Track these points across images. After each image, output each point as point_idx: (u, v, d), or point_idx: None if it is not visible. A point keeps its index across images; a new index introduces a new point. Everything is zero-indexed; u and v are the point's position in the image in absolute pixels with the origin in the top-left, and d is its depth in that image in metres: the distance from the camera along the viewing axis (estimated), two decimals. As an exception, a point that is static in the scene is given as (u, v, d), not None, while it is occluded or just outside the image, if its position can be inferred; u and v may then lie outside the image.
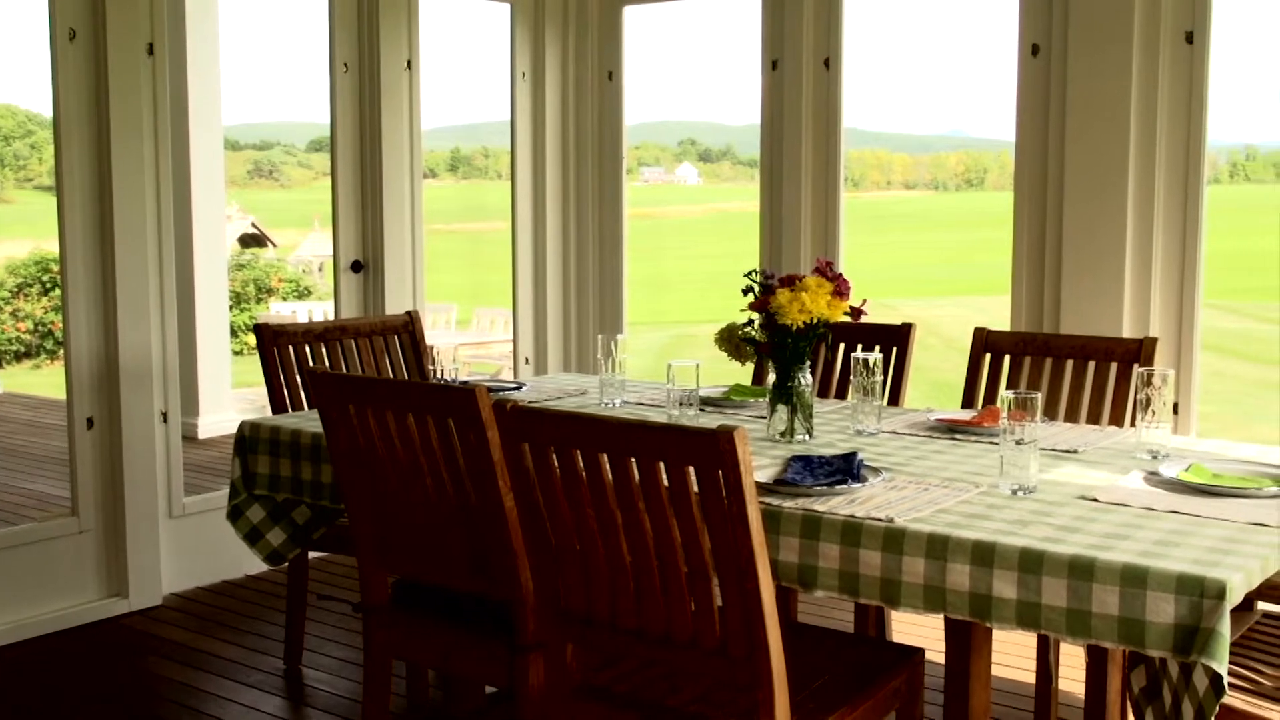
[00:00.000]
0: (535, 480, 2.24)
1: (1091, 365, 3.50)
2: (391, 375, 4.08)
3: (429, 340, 4.46)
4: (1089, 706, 2.99)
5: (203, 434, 7.23)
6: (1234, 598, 1.91)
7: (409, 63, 5.29)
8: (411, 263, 5.39)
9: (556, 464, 2.20)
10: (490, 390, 3.42)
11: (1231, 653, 2.46)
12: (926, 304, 21.18)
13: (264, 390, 3.84)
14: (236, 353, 13.16)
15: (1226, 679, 1.91)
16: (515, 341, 6.01)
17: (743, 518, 1.98)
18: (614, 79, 5.77)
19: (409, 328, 4.20)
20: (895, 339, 3.76)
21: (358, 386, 2.65)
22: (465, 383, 2.72)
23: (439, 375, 3.48)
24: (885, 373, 3.65)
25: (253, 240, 23.76)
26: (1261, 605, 2.70)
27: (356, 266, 5.28)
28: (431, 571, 2.71)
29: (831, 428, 3.12)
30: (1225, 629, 1.89)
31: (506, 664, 2.58)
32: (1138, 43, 4.29)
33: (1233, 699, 2.25)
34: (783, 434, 2.95)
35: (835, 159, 5.10)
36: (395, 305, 5.27)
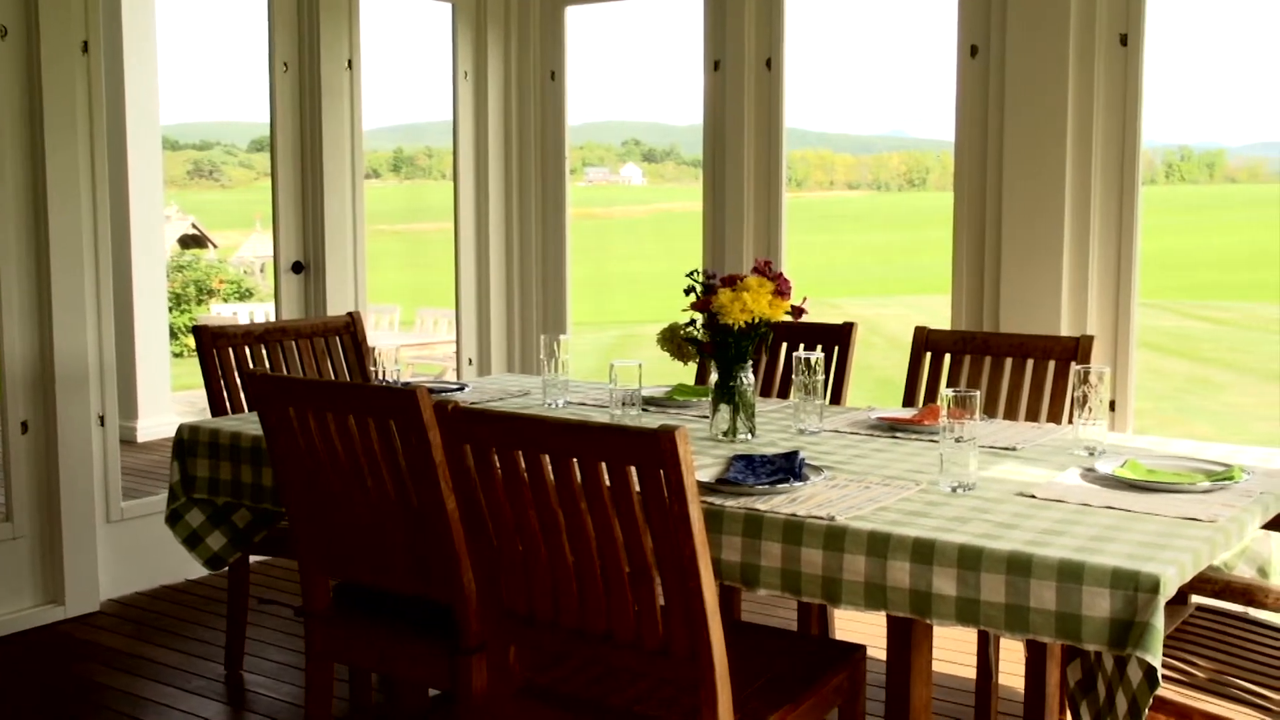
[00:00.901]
0: (477, 481, 2.24)
1: (1030, 363, 3.54)
2: (333, 377, 4.05)
3: (371, 341, 4.43)
4: (1028, 700, 3.02)
5: (142, 437, 7.15)
6: (1167, 591, 1.94)
7: (350, 62, 5.26)
8: (353, 263, 5.35)
9: (498, 465, 2.19)
10: (432, 391, 3.40)
11: (1166, 645, 2.50)
12: (870, 303, 21.34)
13: (204, 393, 3.80)
14: (177, 355, 13.02)
15: (1160, 671, 1.94)
16: (458, 342, 5.99)
17: (685, 517, 1.99)
18: (556, 79, 5.77)
19: (350, 329, 4.17)
20: (837, 338, 3.78)
21: (297, 388, 2.63)
22: (407, 384, 2.70)
23: (380, 377, 3.45)
24: (827, 372, 3.67)
25: (193, 241, 23.49)
26: (1195, 598, 2.74)
27: (297, 267, 5.24)
28: (373, 574, 2.69)
29: (774, 427, 3.14)
30: (1159, 622, 1.91)
31: (449, 666, 2.57)
32: (1074, 45, 4.34)
33: (1167, 691, 2.29)
34: (725, 433, 2.96)
35: (777, 159, 5.13)
36: (337, 306, 5.23)
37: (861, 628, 3.92)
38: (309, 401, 2.58)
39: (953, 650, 3.83)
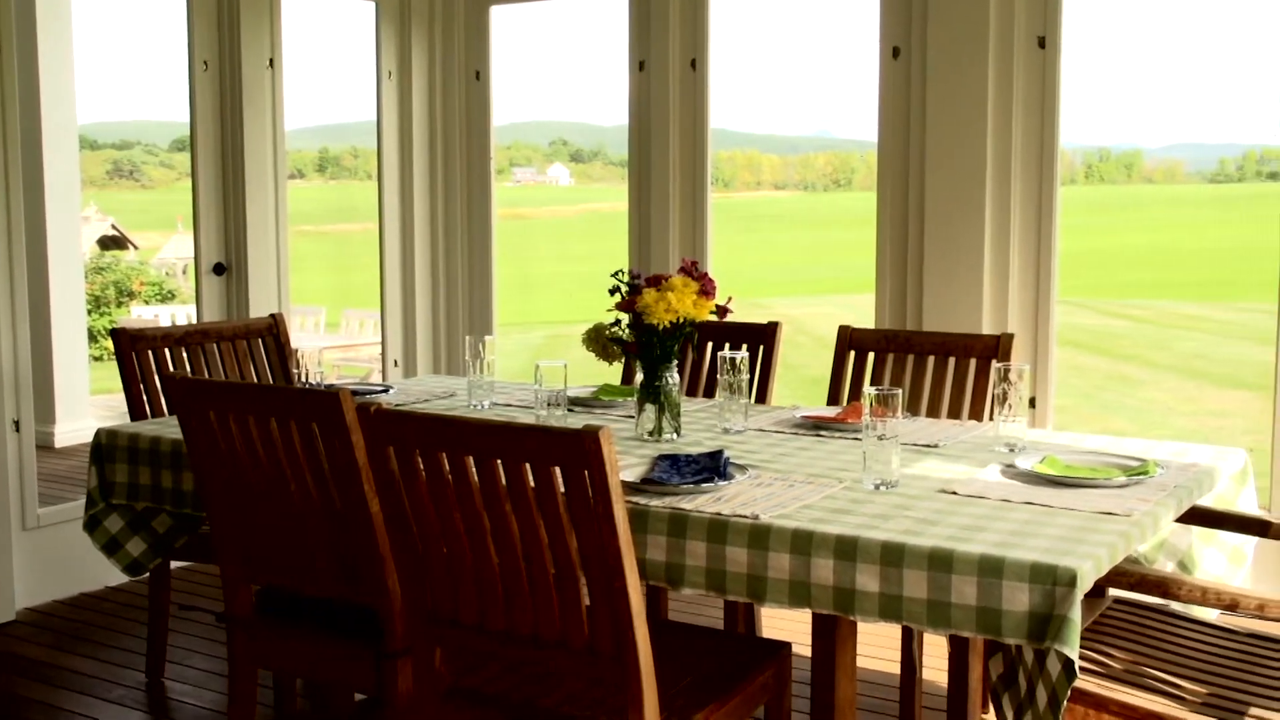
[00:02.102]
0: (401, 483, 2.22)
1: (952, 361, 3.58)
2: (255, 380, 4.00)
3: (295, 344, 4.39)
4: (952, 695, 3.07)
5: (59, 442, 7.01)
6: (1084, 585, 1.97)
7: (271, 61, 5.20)
8: (276, 265, 5.30)
9: (422, 467, 2.18)
10: (356, 393, 3.38)
11: (1084, 638, 2.54)
12: (797, 302, 21.48)
13: (123, 397, 3.74)
14: (96, 358, 12.80)
15: (1078, 664, 1.97)
16: (384, 344, 5.95)
17: (609, 517, 1.99)
18: (481, 79, 5.74)
19: (273, 331, 4.12)
20: (762, 338, 3.81)
21: (217, 391, 2.60)
22: (331, 386, 2.68)
23: (303, 379, 3.42)
24: (752, 371, 3.69)
25: (112, 242, 23.09)
26: (1113, 591, 2.79)
27: (219, 269, 5.18)
28: (296, 578, 2.67)
29: (699, 426, 3.15)
30: (1076, 615, 1.94)
31: (374, 670, 2.55)
32: (993, 47, 4.40)
33: (1085, 682, 2.33)
34: (651, 433, 2.96)
35: (703, 159, 5.15)
36: (260, 308, 5.17)
37: (788, 625, 3.95)
38: (230, 405, 2.55)
39: (877, 646, 3.87)
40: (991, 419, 3.00)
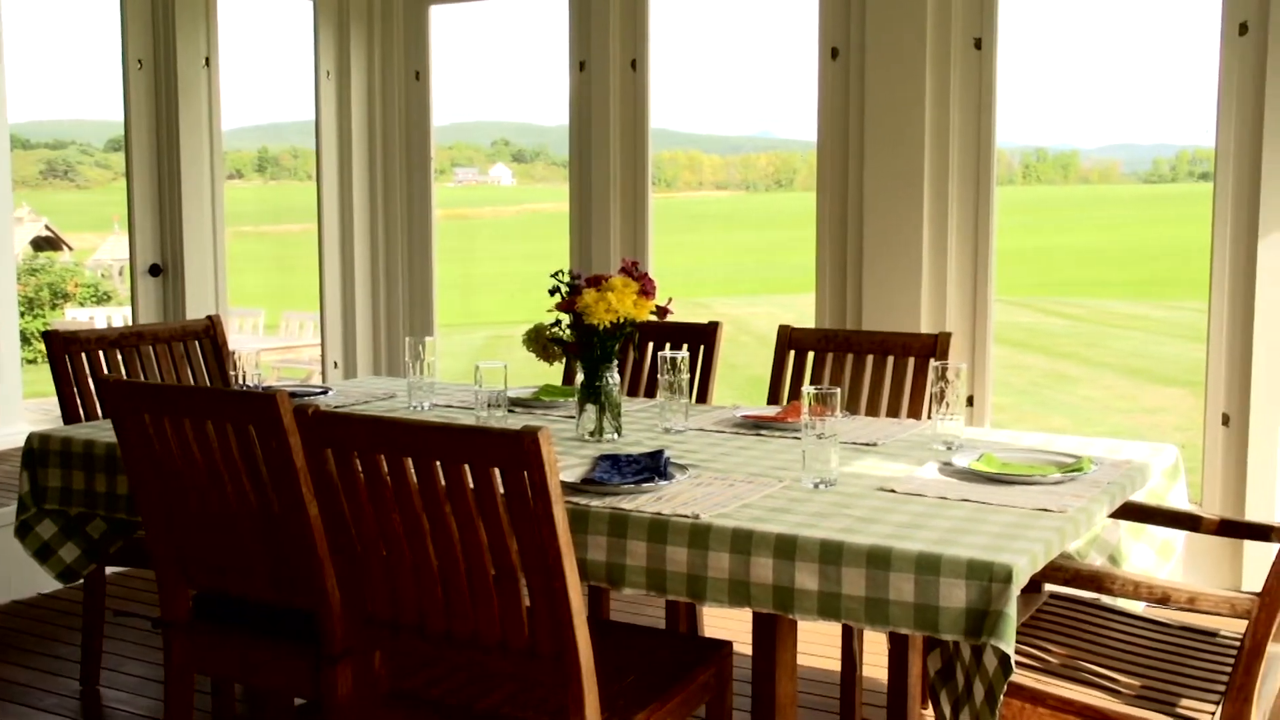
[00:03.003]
0: (339, 486, 2.21)
1: (890, 360, 3.61)
2: (192, 383, 3.95)
3: (233, 346, 4.34)
4: (892, 691, 3.09)
5: (-8, 447, 6.89)
6: (1020, 581, 1.99)
7: (207, 59, 5.15)
8: (213, 266, 5.24)
9: (361, 469, 2.17)
10: (294, 395, 3.35)
11: (1021, 633, 2.57)
12: (740, 302, 21.56)
13: (57, 400, 3.68)
14: (30, 361, 12.60)
15: (1014, 658, 1.99)
16: (323, 346, 5.90)
17: (549, 518, 1.99)
18: (421, 79, 5.71)
19: (210, 333, 4.08)
20: (703, 337, 3.81)
21: (151, 394, 2.56)
22: (268, 388, 2.65)
23: (241, 381, 3.39)
24: (693, 371, 3.70)
25: (46, 243, 22.75)
26: (1049, 586, 2.82)
27: (155, 270, 5.11)
28: (234, 583, 2.64)
29: (640, 426, 3.15)
30: (1012, 611, 1.96)
31: (313, 674, 2.53)
32: (930, 48, 4.44)
33: (1022, 677, 2.35)
34: (591, 433, 2.96)
35: (643, 160, 5.15)
36: (197, 310, 5.12)
37: (730, 624, 3.96)
38: (165, 407, 2.52)
39: (818, 643, 3.89)
40: (930, 417, 3.03)
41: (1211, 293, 4.22)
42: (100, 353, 3.75)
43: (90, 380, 3.69)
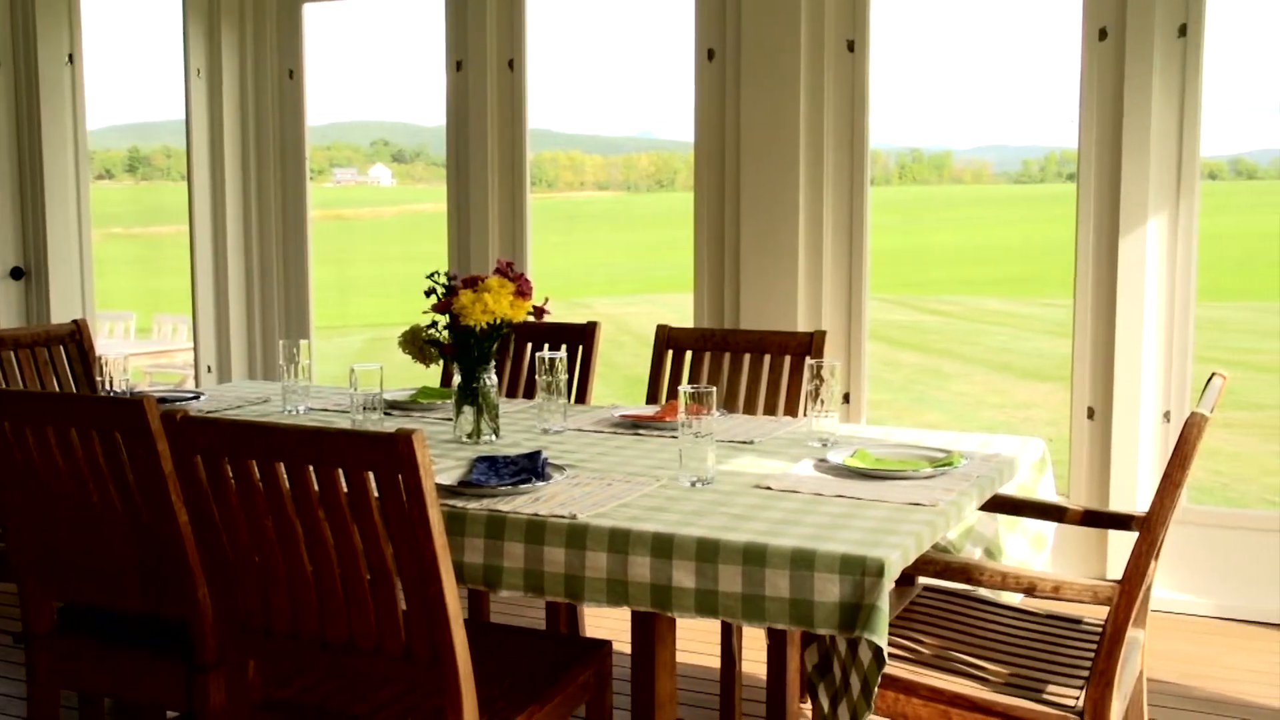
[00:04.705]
0: (209, 493, 2.16)
1: (767, 359, 3.65)
2: (57, 389, 3.84)
3: (101, 350, 4.23)
4: (771, 686, 3.12)
5: None
6: (892, 574, 2.03)
7: (71, 56, 5.01)
8: (80, 269, 5.10)
9: (231, 475, 2.13)
10: (165, 401, 3.28)
11: (895, 625, 2.62)
12: (621, 302, 21.60)
13: (-90, 408, 3.55)
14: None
15: (887, 651, 2.03)
16: (196, 350, 5.78)
17: (424, 521, 1.97)
18: (295, 78, 5.62)
19: (76, 338, 3.97)
20: (581, 338, 3.82)
21: (13, 400, 2.49)
22: (136, 394, 2.59)
23: (108, 387, 3.30)
24: (571, 371, 3.70)
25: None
26: (922, 579, 2.88)
27: (17, 273, 4.96)
28: (101, 593, 2.57)
29: (518, 427, 3.14)
30: (885, 604, 2.00)
31: (186, 685, 2.48)
32: (804, 50, 4.50)
33: (896, 668, 2.40)
34: (469, 435, 2.95)
35: (521, 160, 5.14)
36: (62, 314, 4.98)
37: (612, 624, 3.97)
38: (27, 414, 2.45)
39: (698, 640, 3.92)
40: (805, 415, 3.07)
41: (1076, 290, 4.35)
42: (-41, 359, 3.63)
43: (-52, 387, 3.57)
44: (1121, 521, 2.81)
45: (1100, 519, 2.89)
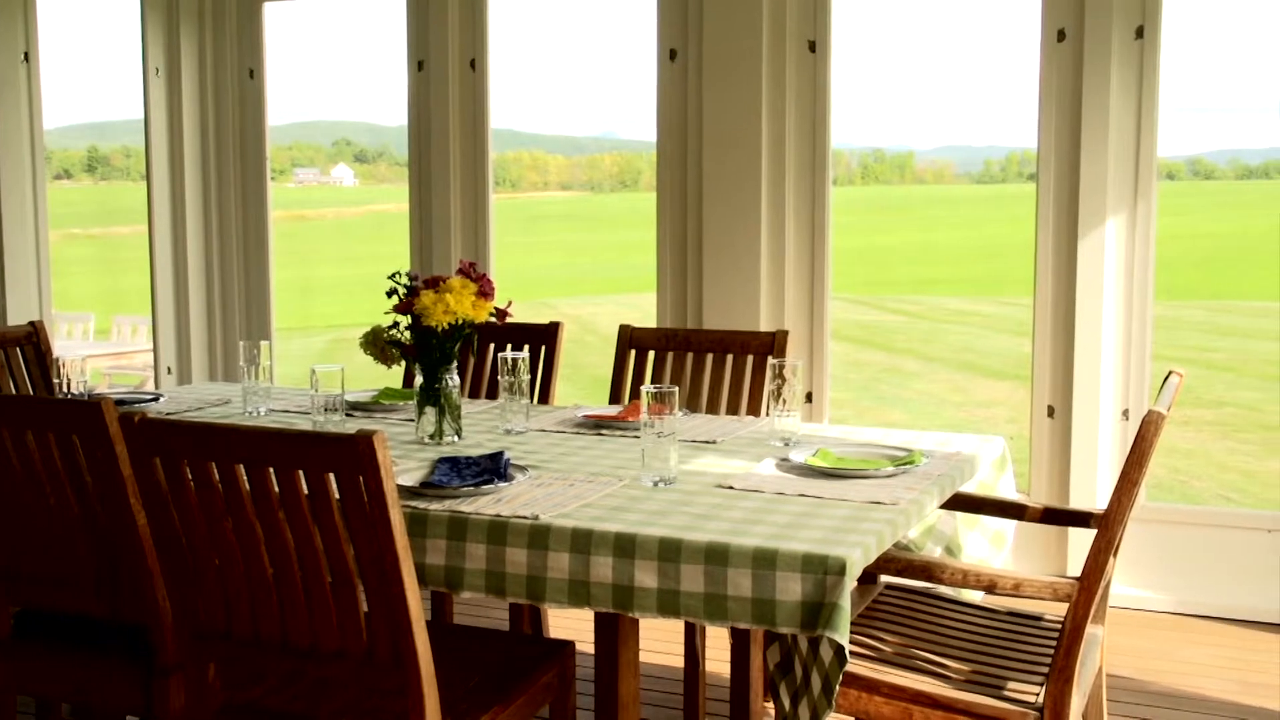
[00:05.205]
0: (169, 495, 2.15)
1: (730, 358, 3.65)
2: (14, 391, 3.80)
3: (58, 352, 4.19)
4: (734, 685, 3.12)
5: None
6: (854, 573, 2.04)
7: (26, 55, 4.96)
8: (36, 270, 5.05)
9: (191, 477, 2.11)
10: (123, 403, 3.25)
11: (858, 624, 2.63)
12: (585, 302, 21.58)
13: None
14: None
15: (850, 649, 2.03)
16: (156, 351, 5.74)
17: (385, 522, 1.96)
18: (255, 77, 5.59)
19: (33, 339, 3.93)
20: (544, 338, 3.81)
21: (-32, 404, 2.46)
22: (94, 396, 2.57)
23: (65, 389, 3.27)
24: (534, 371, 3.70)
25: None
26: (884, 578, 2.90)
27: (-27, 274, 4.91)
28: (58, 597, 2.54)
29: (481, 428, 3.13)
30: (846, 603, 2.01)
31: (145, 690, 2.46)
32: (766, 51, 4.51)
33: (857, 666, 2.41)
34: (431, 436, 2.94)
35: (483, 160, 5.13)
36: (19, 316, 4.93)
37: (575, 624, 3.96)
38: (-19, 417, 2.42)
39: (662, 640, 3.92)
40: (768, 414, 3.08)
41: (1036, 289, 4.38)
42: (-87, 361, 3.58)
43: (-98, 390, 3.53)
44: (1080, 519, 2.83)
45: (1060, 517, 2.91)
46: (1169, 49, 4.20)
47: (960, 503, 2.86)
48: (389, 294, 2.91)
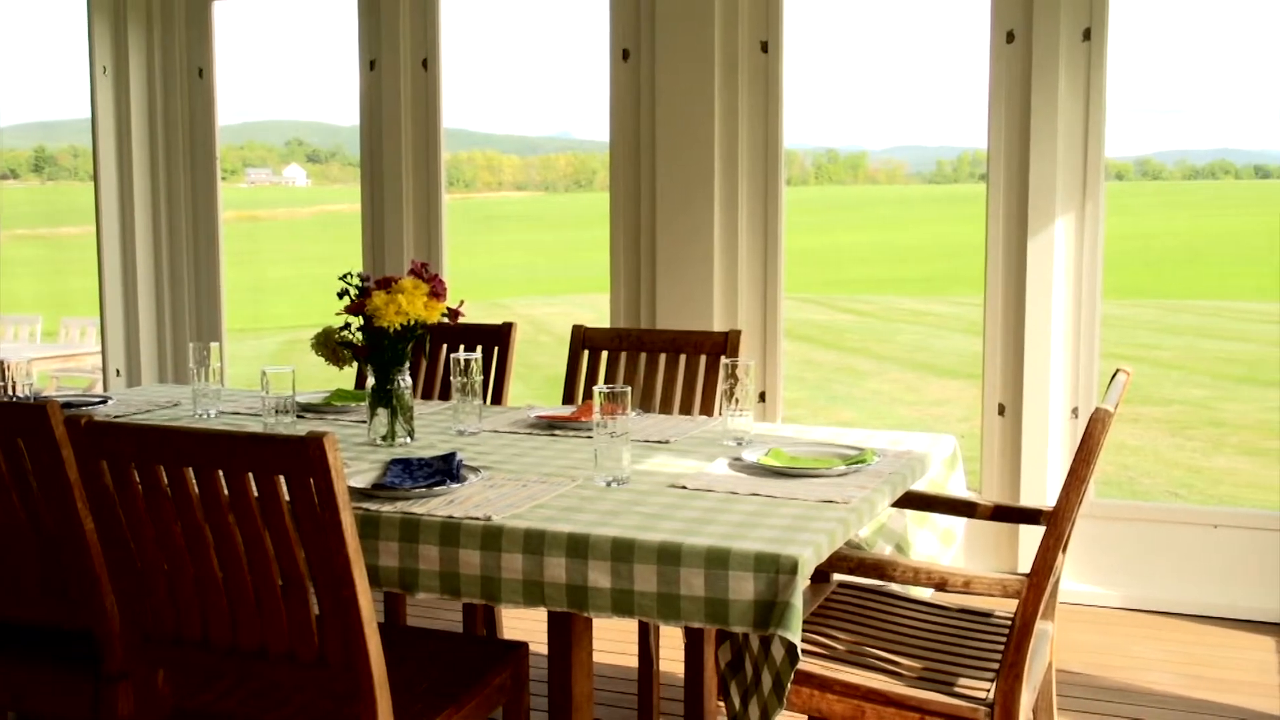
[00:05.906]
0: (116, 499, 2.13)
1: (683, 358, 3.66)
2: (-42, 393, 3.75)
3: (4, 354, 4.13)
4: (688, 685, 3.13)
5: None
6: (805, 571, 2.05)
7: (-29, 54, 4.88)
8: (-19, 271, 4.98)
9: (138, 481, 2.09)
10: (70, 406, 3.21)
11: (810, 622, 2.65)
12: (539, 302, 21.55)
13: None
14: None
15: (803, 647, 2.04)
16: (105, 353, 5.67)
17: (336, 525, 1.95)
18: (205, 76, 5.54)
19: (-23, 341, 3.88)
20: (497, 339, 3.80)
21: (-90, 407, 2.42)
22: (40, 399, 2.54)
23: (10, 392, 3.22)
24: (487, 372, 3.68)
25: None
26: (837, 576, 2.91)
27: (-84, 276, 4.83)
28: (3, 603, 2.51)
29: (434, 429, 3.12)
30: (798, 601, 2.01)
31: (93, 697, 2.43)
32: (719, 51, 4.52)
33: (810, 664, 2.42)
34: (384, 437, 2.92)
35: (436, 160, 5.11)
36: (-37, 317, 4.85)
37: (529, 625, 3.96)
38: (-77, 421, 2.38)
39: (616, 640, 3.92)
40: (721, 414, 3.08)
41: (987, 289, 4.42)
42: None
43: None
44: (1030, 516, 2.86)
45: (1009, 514, 2.94)
46: (1116, 50, 4.26)
47: (912, 501, 2.88)
48: (340, 295, 2.89)
